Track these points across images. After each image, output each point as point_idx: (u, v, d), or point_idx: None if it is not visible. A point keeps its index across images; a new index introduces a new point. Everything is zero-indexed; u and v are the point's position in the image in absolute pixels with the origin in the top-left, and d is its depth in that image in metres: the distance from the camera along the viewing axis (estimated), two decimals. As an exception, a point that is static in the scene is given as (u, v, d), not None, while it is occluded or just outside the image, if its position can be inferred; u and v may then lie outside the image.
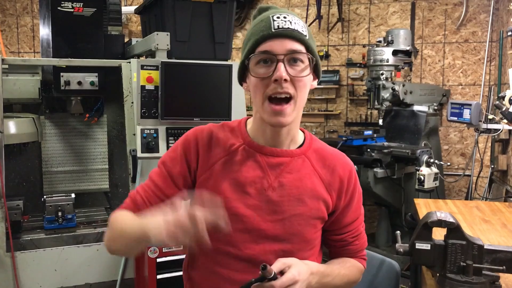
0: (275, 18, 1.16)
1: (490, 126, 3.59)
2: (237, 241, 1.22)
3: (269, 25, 1.16)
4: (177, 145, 1.30)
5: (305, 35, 1.18)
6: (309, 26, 5.05)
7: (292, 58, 1.16)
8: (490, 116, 3.61)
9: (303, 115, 5.10)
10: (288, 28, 1.15)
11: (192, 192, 1.25)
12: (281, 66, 1.13)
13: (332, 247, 1.39)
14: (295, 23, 1.17)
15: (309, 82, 1.21)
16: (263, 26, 1.17)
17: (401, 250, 1.56)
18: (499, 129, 3.58)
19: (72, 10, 2.96)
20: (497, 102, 3.19)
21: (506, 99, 3.11)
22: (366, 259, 1.44)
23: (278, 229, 1.22)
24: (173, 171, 1.27)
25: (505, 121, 3.28)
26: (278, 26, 1.15)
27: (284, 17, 1.16)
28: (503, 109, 3.12)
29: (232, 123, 1.33)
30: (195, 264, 1.32)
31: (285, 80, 1.13)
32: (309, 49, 1.18)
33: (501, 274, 1.53)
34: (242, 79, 1.27)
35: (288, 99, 1.16)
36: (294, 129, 1.27)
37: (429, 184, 3.66)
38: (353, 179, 1.32)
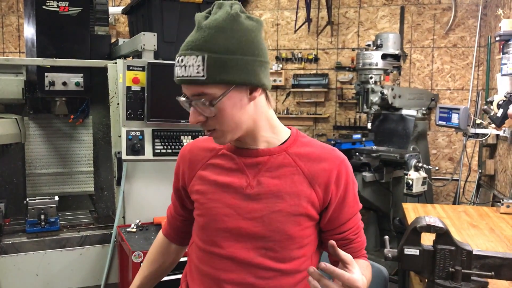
0: (177, 63, 1.17)
1: (478, 131, 3.60)
2: (219, 240, 1.26)
3: (175, 72, 1.18)
4: None
5: (202, 75, 1.12)
6: (298, 29, 5.06)
7: (198, 100, 1.16)
8: (478, 121, 3.62)
9: (292, 118, 5.15)
10: (183, 76, 1.15)
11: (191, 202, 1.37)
12: (192, 110, 1.18)
13: None
14: (190, 65, 1.13)
15: (229, 106, 1.16)
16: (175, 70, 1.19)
17: (390, 255, 1.54)
18: (487, 134, 3.59)
19: (57, 9, 2.91)
20: (485, 107, 3.20)
21: (494, 104, 3.11)
22: (367, 256, 1.40)
23: (258, 226, 1.23)
24: (174, 187, 1.44)
25: (493, 126, 3.29)
26: (177, 74, 1.17)
27: (181, 61, 1.15)
28: (491, 114, 3.12)
29: None
30: (191, 268, 1.36)
31: (200, 122, 1.19)
32: (212, 81, 1.13)
33: (489, 280, 1.51)
34: None
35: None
36: (260, 133, 1.26)
37: (417, 188, 3.66)
38: (344, 173, 1.28)
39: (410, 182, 3.65)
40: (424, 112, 4.43)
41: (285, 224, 1.22)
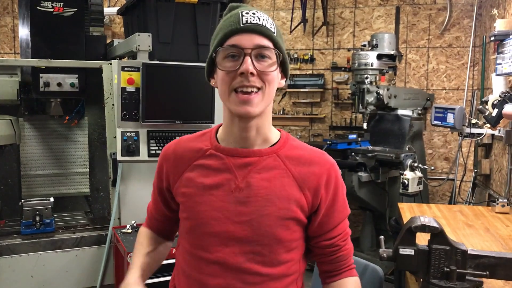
0: (243, 13, 1.18)
1: (474, 130, 3.61)
2: (207, 245, 1.22)
3: (238, 20, 1.17)
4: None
5: (273, 32, 1.19)
6: (294, 29, 5.06)
7: (259, 54, 1.17)
8: (474, 121, 3.63)
9: (288, 118, 5.15)
10: (257, 23, 1.17)
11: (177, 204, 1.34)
12: (247, 59, 1.15)
13: (323, 256, 1.32)
14: (263, 19, 1.19)
15: (276, 78, 1.23)
16: (232, 21, 1.19)
17: (385, 255, 1.54)
18: (482, 134, 3.60)
19: (52, 9, 2.90)
20: (480, 106, 3.21)
21: (489, 103, 3.12)
22: (355, 266, 1.37)
23: (246, 230, 1.19)
24: (157, 187, 1.39)
25: (488, 125, 3.30)
26: (246, 21, 1.17)
27: (253, 13, 1.19)
28: (486, 113, 3.13)
29: (205, 130, 1.36)
30: (178, 270, 1.33)
31: (252, 73, 1.15)
32: (276, 46, 1.20)
33: (484, 280, 1.52)
34: (210, 75, 1.28)
35: (256, 90, 1.18)
36: (265, 127, 1.26)
37: (413, 188, 3.67)
38: (334, 177, 1.27)
39: (406, 182, 3.65)
40: (420, 112, 4.44)
41: (273, 228, 1.20)
